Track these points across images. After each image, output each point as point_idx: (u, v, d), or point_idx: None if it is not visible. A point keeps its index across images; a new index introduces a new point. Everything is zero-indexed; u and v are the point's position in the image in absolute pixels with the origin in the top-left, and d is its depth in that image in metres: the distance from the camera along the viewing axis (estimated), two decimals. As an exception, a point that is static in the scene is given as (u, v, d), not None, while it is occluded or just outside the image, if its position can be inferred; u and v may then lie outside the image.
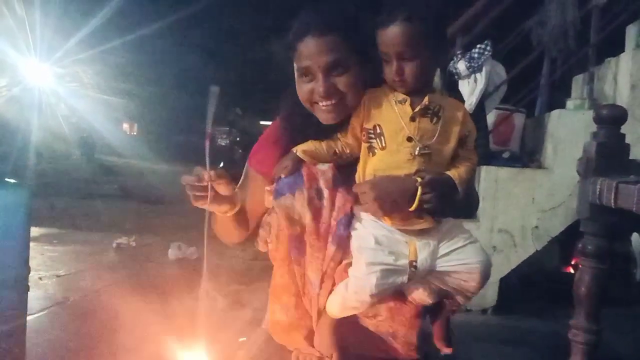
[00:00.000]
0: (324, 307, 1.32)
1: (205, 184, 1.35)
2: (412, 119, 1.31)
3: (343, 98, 1.36)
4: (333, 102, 1.36)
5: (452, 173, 1.32)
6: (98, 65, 13.43)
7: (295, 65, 1.39)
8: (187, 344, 1.40)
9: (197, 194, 1.36)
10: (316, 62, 1.33)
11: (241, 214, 1.49)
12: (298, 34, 1.36)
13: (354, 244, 1.31)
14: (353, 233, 1.31)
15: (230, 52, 14.69)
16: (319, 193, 1.31)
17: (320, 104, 1.37)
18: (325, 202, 1.31)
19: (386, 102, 1.34)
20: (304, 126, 1.41)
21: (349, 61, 1.34)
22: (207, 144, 1.37)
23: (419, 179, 1.27)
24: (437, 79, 1.43)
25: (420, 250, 1.30)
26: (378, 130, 1.33)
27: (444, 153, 1.34)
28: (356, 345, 1.38)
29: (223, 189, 1.38)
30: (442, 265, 1.32)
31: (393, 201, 1.27)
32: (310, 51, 1.34)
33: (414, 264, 1.30)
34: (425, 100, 1.32)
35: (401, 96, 1.33)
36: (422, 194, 1.26)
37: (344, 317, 1.34)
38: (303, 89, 1.39)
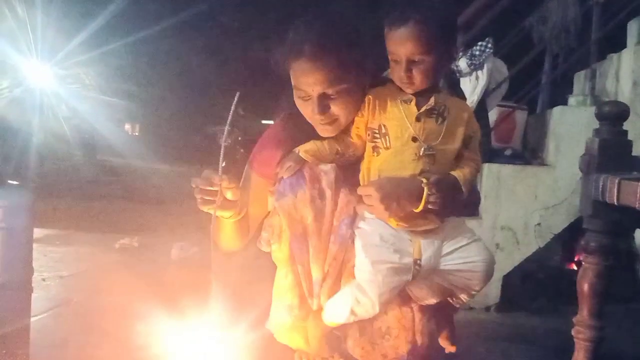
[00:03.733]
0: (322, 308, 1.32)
1: (215, 188, 1.32)
2: (418, 119, 1.31)
3: (337, 119, 1.35)
4: (329, 120, 1.35)
5: (457, 174, 1.32)
6: (100, 66, 13.40)
7: (292, 79, 1.37)
8: (191, 343, 1.40)
9: (206, 198, 1.33)
10: (310, 87, 1.32)
11: (243, 219, 1.47)
12: (293, 52, 1.33)
13: (358, 243, 1.30)
14: (357, 232, 1.31)
15: (231, 52, 14.67)
16: (321, 193, 1.31)
17: (318, 121, 1.36)
18: (328, 203, 1.31)
19: (391, 101, 1.33)
20: (305, 126, 1.41)
21: (344, 79, 1.32)
22: (222, 147, 1.34)
23: (425, 180, 1.27)
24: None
25: (425, 248, 1.30)
26: (383, 130, 1.32)
27: (449, 153, 1.34)
28: None
29: (231, 194, 1.36)
30: (446, 263, 1.32)
31: (399, 202, 1.27)
32: (304, 74, 1.32)
33: (419, 262, 1.30)
34: (431, 100, 1.31)
35: (407, 96, 1.33)
36: (428, 195, 1.26)
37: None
38: (299, 103, 1.38)
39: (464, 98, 2.50)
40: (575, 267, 4.47)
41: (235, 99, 1.35)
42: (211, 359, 1.37)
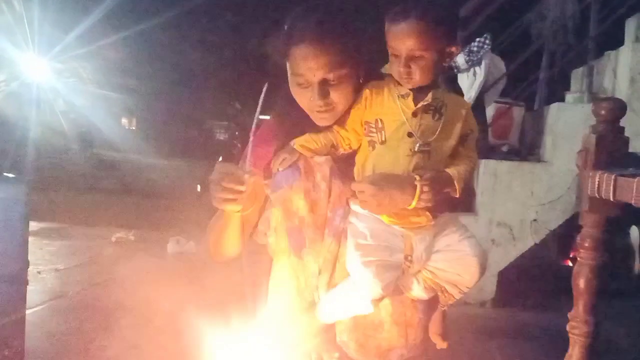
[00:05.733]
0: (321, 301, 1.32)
1: (243, 188, 1.27)
2: (414, 114, 1.30)
3: (335, 106, 1.35)
4: (327, 107, 1.35)
5: (452, 171, 1.31)
6: (97, 60, 13.37)
7: (289, 68, 1.36)
8: (187, 337, 1.40)
9: (228, 197, 1.29)
10: (312, 72, 1.31)
11: (243, 217, 1.45)
12: (293, 39, 1.32)
13: (349, 240, 1.30)
14: (349, 228, 1.31)
15: (229, 47, 14.64)
16: (316, 186, 1.31)
17: (316, 108, 1.36)
18: (322, 195, 1.31)
19: (388, 95, 1.33)
20: (300, 120, 1.40)
21: (344, 64, 1.31)
22: (250, 143, 1.31)
23: (418, 177, 1.26)
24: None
25: (416, 244, 1.30)
26: (379, 125, 1.31)
27: (444, 150, 1.33)
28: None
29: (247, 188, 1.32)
30: (437, 259, 1.32)
31: (391, 199, 1.26)
32: (306, 61, 1.31)
33: (409, 258, 1.29)
34: (429, 96, 1.30)
35: (404, 90, 1.32)
36: (421, 192, 1.25)
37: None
38: (298, 92, 1.37)
39: (461, 94, 2.50)
40: (570, 263, 4.49)
41: (264, 90, 1.34)
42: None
